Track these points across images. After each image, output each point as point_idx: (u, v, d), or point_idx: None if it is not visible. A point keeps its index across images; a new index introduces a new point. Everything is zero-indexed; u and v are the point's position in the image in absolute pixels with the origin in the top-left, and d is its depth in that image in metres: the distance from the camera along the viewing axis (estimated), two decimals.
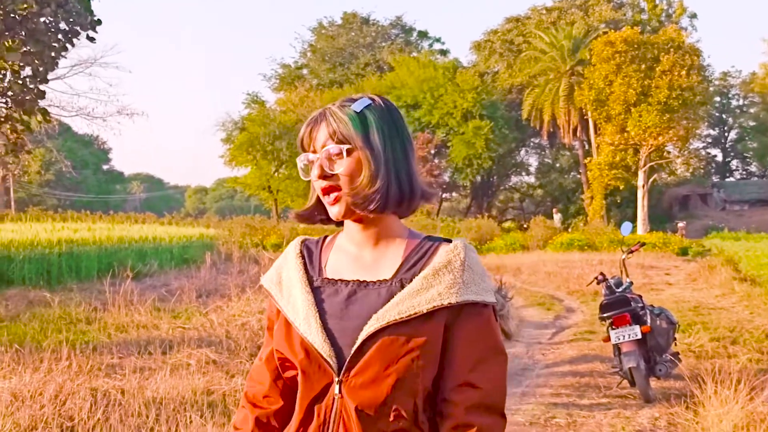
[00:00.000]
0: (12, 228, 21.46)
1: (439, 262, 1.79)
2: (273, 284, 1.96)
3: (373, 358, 1.72)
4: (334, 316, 1.81)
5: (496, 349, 1.80)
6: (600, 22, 50.01)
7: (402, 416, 1.73)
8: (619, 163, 42.55)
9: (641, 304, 8.00)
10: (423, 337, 1.73)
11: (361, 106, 1.84)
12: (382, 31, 61.95)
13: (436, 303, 1.73)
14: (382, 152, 1.81)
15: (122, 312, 11.54)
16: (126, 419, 6.02)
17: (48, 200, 68.40)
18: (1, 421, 5.68)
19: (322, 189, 1.82)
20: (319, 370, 1.78)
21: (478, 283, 1.78)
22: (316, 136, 1.83)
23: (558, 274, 21.01)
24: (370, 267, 1.85)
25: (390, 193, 1.80)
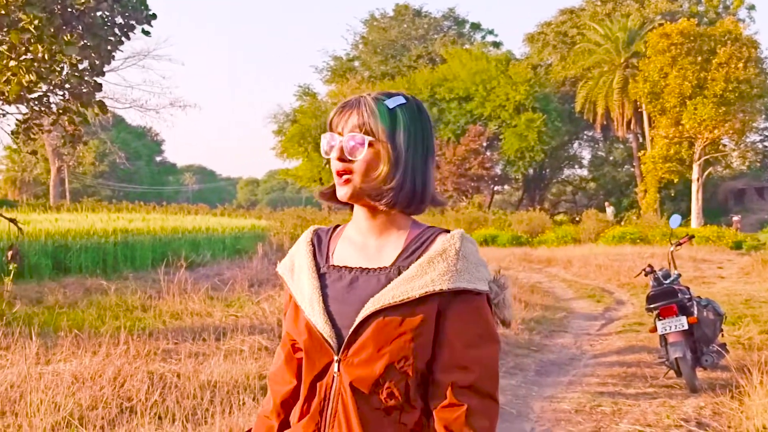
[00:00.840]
0: (69, 218, 21.97)
1: (435, 251, 1.88)
2: (286, 270, 2.08)
3: (369, 339, 1.83)
4: (336, 300, 1.92)
5: (487, 335, 1.87)
6: (656, 13, 49.33)
7: (394, 395, 1.83)
8: (674, 157, 42.03)
9: (688, 296, 8.02)
10: (415, 321, 1.82)
11: (395, 103, 1.92)
12: (435, 23, 61.82)
13: (428, 288, 1.82)
14: (403, 152, 1.89)
15: (176, 300, 11.80)
16: (182, 401, 6.23)
17: (102, 191, 69.41)
18: (63, 401, 5.92)
19: (337, 170, 1.91)
20: (320, 349, 1.90)
21: (471, 272, 1.86)
22: (345, 120, 1.91)
23: (609, 267, 20.90)
24: (372, 255, 1.95)
25: (402, 193, 1.89)
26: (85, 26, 8.97)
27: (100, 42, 9.14)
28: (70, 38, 8.63)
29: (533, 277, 20.18)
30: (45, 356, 7.44)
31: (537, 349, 10.22)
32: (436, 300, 1.83)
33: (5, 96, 9.18)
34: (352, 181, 1.90)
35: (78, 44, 8.67)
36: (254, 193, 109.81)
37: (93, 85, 9.60)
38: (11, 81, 8.48)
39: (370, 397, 1.84)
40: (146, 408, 5.99)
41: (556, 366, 9.35)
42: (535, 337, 10.92)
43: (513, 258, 25.08)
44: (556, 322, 12.65)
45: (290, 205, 64.87)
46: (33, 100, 9.72)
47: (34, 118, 10.24)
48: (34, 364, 6.84)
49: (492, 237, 34.13)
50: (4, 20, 8.21)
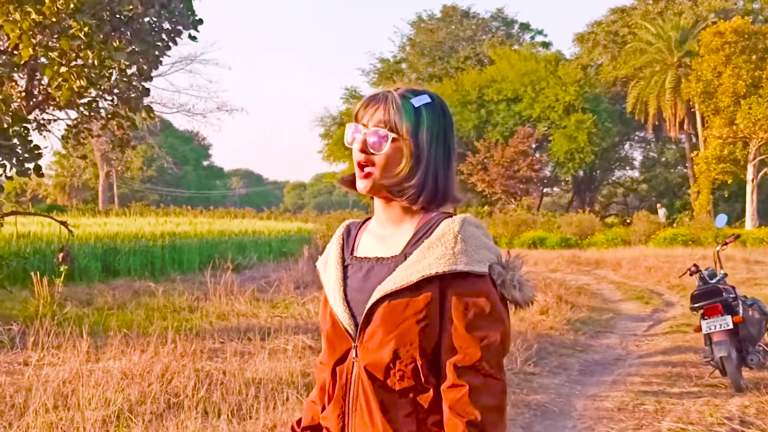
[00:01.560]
0: (117, 222, 22.45)
1: (435, 235, 1.93)
2: (322, 264, 2.19)
3: (378, 325, 1.91)
4: (354, 289, 2.01)
5: (489, 315, 1.89)
6: (709, 11, 48.55)
7: (405, 376, 1.89)
8: (728, 157, 41.32)
9: (733, 295, 7.95)
10: (418, 305, 1.88)
11: (420, 102, 1.98)
12: (483, 24, 61.56)
13: (424, 273, 1.87)
14: (426, 150, 1.96)
15: (223, 301, 12.01)
16: (227, 396, 6.38)
17: (150, 196, 70.22)
18: (113, 396, 6.10)
19: (358, 162, 1.99)
20: (341, 336, 2.00)
21: (470, 254, 1.89)
22: (371, 113, 1.99)
23: (659, 269, 20.67)
24: (388, 244, 2.02)
25: (424, 191, 1.96)
26: (134, 32, 9.20)
27: (148, 47, 9.36)
28: (119, 44, 8.85)
29: (581, 279, 20.06)
30: (95, 355, 7.65)
31: (582, 349, 10.20)
32: (436, 283, 1.89)
33: (56, 101, 9.45)
34: (372, 174, 1.97)
35: (126, 50, 8.90)
36: (301, 196, 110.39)
37: (141, 89, 9.82)
38: (62, 87, 8.72)
39: (384, 381, 1.91)
40: (193, 403, 6.14)
41: (601, 366, 9.33)
42: (580, 338, 10.89)
43: (561, 260, 24.96)
44: (603, 323, 12.59)
45: (337, 208, 65.17)
46: (83, 105, 9.99)
47: (84, 122, 10.51)
48: (85, 361, 7.04)
49: (540, 239, 33.95)
50: (54, 28, 8.45)
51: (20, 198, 56.48)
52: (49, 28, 8.43)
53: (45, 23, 8.32)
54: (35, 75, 9.93)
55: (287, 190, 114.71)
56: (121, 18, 8.99)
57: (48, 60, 8.69)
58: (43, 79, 9.85)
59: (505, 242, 34.19)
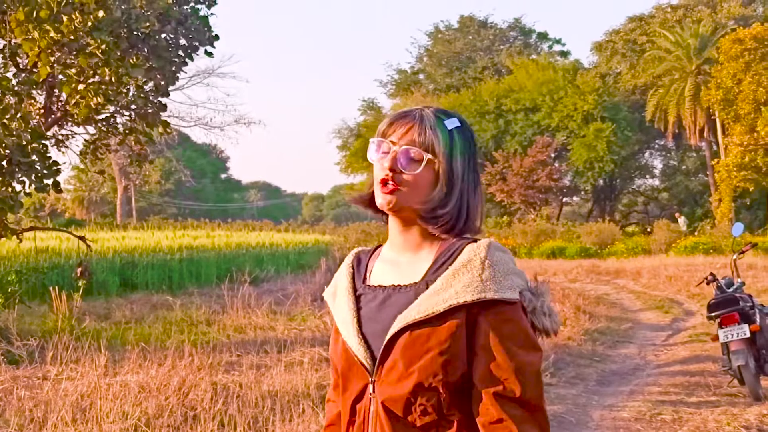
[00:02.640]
0: (135, 236, 22.63)
1: (460, 262, 1.83)
2: (329, 295, 2.08)
3: (398, 357, 1.80)
4: (369, 320, 1.90)
5: (524, 344, 1.80)
6: (728, 18, 48.39)
7: (428, 411, 1.79)
8: (749, 164, 41.05)
9: (750, 303, 7.91)
10: (442, 336, 1.78)
11: (453, 125, 1.90)
12: (501, 34, 61.58)
13: (452, 302, 1.78)
14: (459, 177, 1.89)
15: (240, 314, 12.08)
16: (244, 409, 6.42)
17: (168, 209, 70.51)
18: (131, 410, 6.17)
19: (383, 178, 1.88)
20: (357, 371, 1.89)
21: (498, 281, 1.80)
22: (402, 131, 1.89)
23: (679, 278, 20.56)
24: (405, 271, 1.91)
25: (459, 218, 1.89)
26: (150, 49, 9.32)
27: (164, 64, 9.47)
28: (136, 61, 8.97)
29: (600, 289, 20.01)
30: (113, 369, 7.71)
31: (599, 359, 10.18)
32: (463, 312, 1.79)
33: (74, 118, 9.58)
34: (399, 192, 1.87)
35: (144, 66, 9.00)
36: (319, 208, 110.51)
37: (158, 105, 9.94)
38: (80, 104, 8.85)
39: (405, 417, 1.81)
40: (210, 416, 6.19)
41: (618, 376, 9.31)
42: (598, 348, 10.87)
43: (581, 270, 24.88)
44: (621, 333, 12.56)
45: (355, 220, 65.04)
46: (101, 121, 10.12)
47: (101, 138, 10.65)
48: (103, 375, 7.11)
49: (560, 249, 33.86)
50: (72, 45, 8.57)
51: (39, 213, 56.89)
52: (67, 45, 8.56)
53: (63, 41, 8.44)
54: (53, 92, 10.07)
55: (305, 202, 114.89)
56: (138, 35, 9.11)
57: (66, 77, 8.82)
58: (61, 96, 9.99)
59: (524, 252, 34.15)
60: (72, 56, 8.76)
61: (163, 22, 9.25)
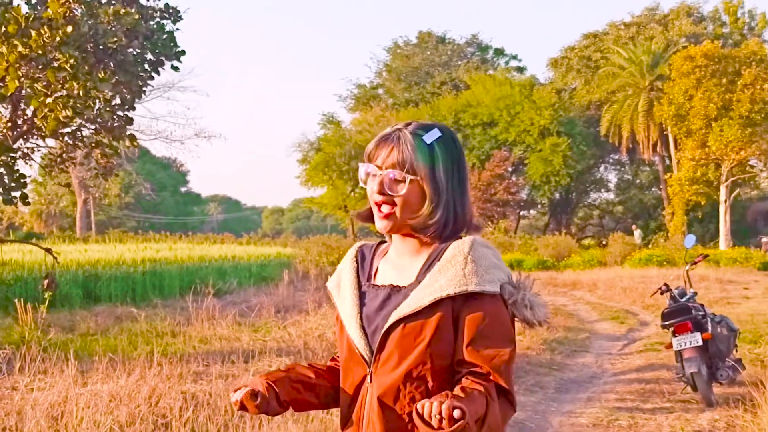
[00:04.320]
0: (97, 248, 22.52)
1: (446, 258, 2.00)
2: (334, 286, 2.24)
3: (393, 349, 1.98)
4: (370, 317, 2.07)
5: (498, 334, 1.95)
6: (680, 36, 49.36)
7: (416, 399, 1.92)
8: (701, 179, 41.90)
9: (702, 312, 8.21)
10: (431, 328, 1.94)
11: (432, 138, 2.01)
12: (458, 50, 62.09)
13: (436, 295, 1.94)
14: (444, 187, 2.01)
15: (205, 326, 12.14)
16: (214, 417, 6.53)
17: (127, 222, 69.80)
18: (102, 419, 6.24)
19: (376, 202, 2.04)
20: (357, 362, 2.07)
21: (480, 275, 1.95)
22: (386, 154, 2.02)
23: (634, 290, 20.94)
24: (404, 273, 2.08)
25: (447, 225, 2.03)
26: (118, 63, 9.41)
27: (131, 78, 9.57)
28: (104, 75, 9.06)
29: (558, 300, 20.33)
30: (82, 379, 7.77)
31: (558, 368, 10.42)
32: (449, 305, 1.94)
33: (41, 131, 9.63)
34: (393, 215, 2.02)
35: (111, 81, 9.10)
36: (279, 221, 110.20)
37: (124, 119, 10.04)
38: (48, 117, 8.92)
39: (395, 404, 1.98)
40: (181, 423, 6.29)
41: (576, 384, 9.56)
42: (556, 357, 11.12)
43: (538, 282, 24.80)
44: (579, 343, 12.83)
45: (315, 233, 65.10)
46: (66, 134, 10.19)
47: (68, 151, 10.71)
48: (73, 385, 7.17)
49: (517, 262, 34.20)
50: (41, 60, 8.66)
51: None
52: (35, 60, 8.64)
53: (31, 56, 8.53)
54: (19, 105, 10.10)
55: (265, 216, 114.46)
56: (105, 50, 9.20)
57: (34, 91, 8.89)
58: (27, 110, 10.04)
59: None
60: (40, 70, 8.84)
61: (130, 38, 9.35)
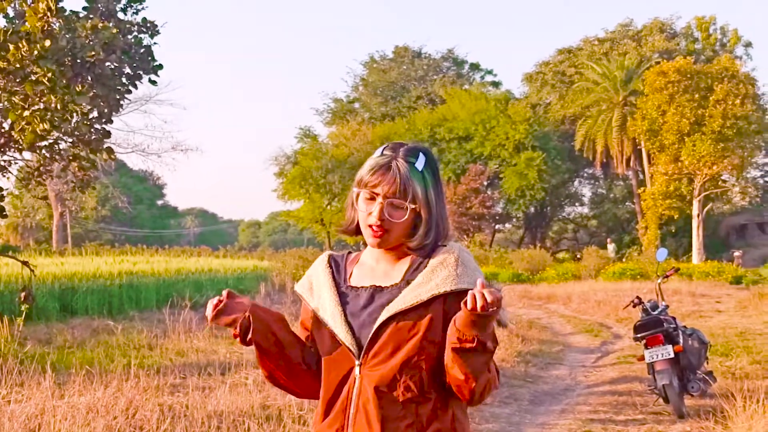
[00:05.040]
0: (74, 261, 22.40)
1: (437, 260, 2.20)
2: (305, 290, 2.38)
3: (386, 342, 2.15)
4: (355, 314, 2.23)
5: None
6: (653, 52, 49.97)
7: (411, 388, 2.13)
8: (674, 193, 42.34)
9: (674, 325, 8.33)
10: (425, 321, 2.13)
11: (422, 164, 2.21)
12: (434, 64, 62.40)
13: (434, 291, 2.14)
14: (434, 207, 2.22)
15: (182, 338, 12.13)
16: (191, 429, 6.56)
17: (104, 235, 69.44)
18: (79, 430, 6.26)
19: (371, 224, 2.20)
20: (343, 356, 2.21)
21: (470, 275, 2.16)
22: (382, 182, 2.18)
23: (608, 303, 21.10)
24: (384, 275, 2.27)
25: (437, 241, 2.24)
26: (95, 77, 9.45)
27: (109, 92, 9.61)
28: (82, 88, 9.10)
29: (532, 313, 20.45)
30: (59, 391, 7.77)
31: (532, 380, 10.52)
32: (441, 302, 2.14)
33: (18, 144, 9.64)
34: (388, 235, 2.20)
35: (88, 94, 9.13)
36: (256, 235, 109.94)
37: (102, 132, 10.06)
38: (26, 130, 8.94)
39: (389, 393, 2.14)
40: None
41: (550, 396, 9.66)
42: (530, 369, 11.22)
43: (513, 295, 25.32)
44: (553, 355, 12.94)
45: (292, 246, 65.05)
46: (44, 147, 10.20)
47: (45, 164, 10.72)
48: (50, 397, 7.17)
49: (493, 275, 34.36)
50: (19, 73, 8.68)
51: None
52: (13, 74, 8.67)
53: (9, 69, 8.56)
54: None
55: (242, 229, 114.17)
56: (83, 64, 9.24)
57: (11, 104, 8.91)
58: (4, 123, 10.04)
59: None
60: (18, 84, 8.86)
61: (108, 51, 9.40)
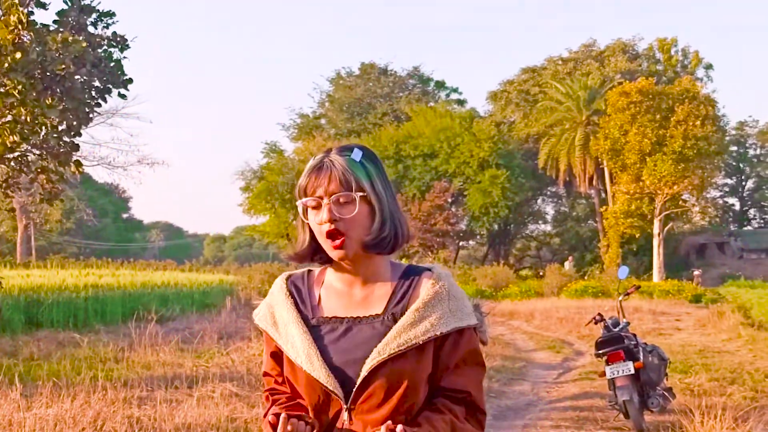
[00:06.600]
0: (39, 274, 22.20)
1: (428, 295, 2.01)
2: (268, 324, 2.11)
3: (378, 387, 1.95)
4: (335, 352, 1.99)
5: (475, 360, 2.06)
6: (615, 72, 50.58)
7: (392, 428, 1.91)
8: (635, 212, 42.83)
9: (635, 342, 8.52)
10: (420, 364, 1.98)
11: (359, 155, 2.01)
12: (400, 82, 62.59)
13: (430, 334, 1.96)
14: (385, 199, 2.01)
15: (148, 352, 12.12)
16: None
17: (68, 248, 68.77)
18: None
19: (328, 231, 1.98)
20: (327, 401, 2.00)
21: (462, 309, 2.02)
22: (323, 183, 1.98)
23: (570, 320, 21.34)
24: (360, 303, 2.04)
25: (398, 236, 2.03)
26: (65, 90, 9.47)
27: (78, 105, 9.63)
28: (51, 101, 9.11)
29: (496, 330, 20.58)
30: (26, 403, 7.76)
31: (495, 395, 10.64)
32: (432, 342, 1.98)
33: None
34: (348, 239, 1.98)
35: (58, 107, 9.15)
36: (221, 249, 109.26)
37: (70, 145, 10.08)
38: None
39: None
40: None
41: (513, 411, 9.79)
42: (493, 385, 11.34)
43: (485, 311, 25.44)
44: (516, 371, 13.09)
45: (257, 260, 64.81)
46: (13, 159, 10.18)
47: (14, 177, 10.69)
48: (17, 409, 7.17)
49: None
50: None
51: None
52: None
53: None
54: None
55: (207, 243, 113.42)
56: (53, 77, 9.26)
57: None
58: None
59: None
60: None
61: (78, 65, 9.43)
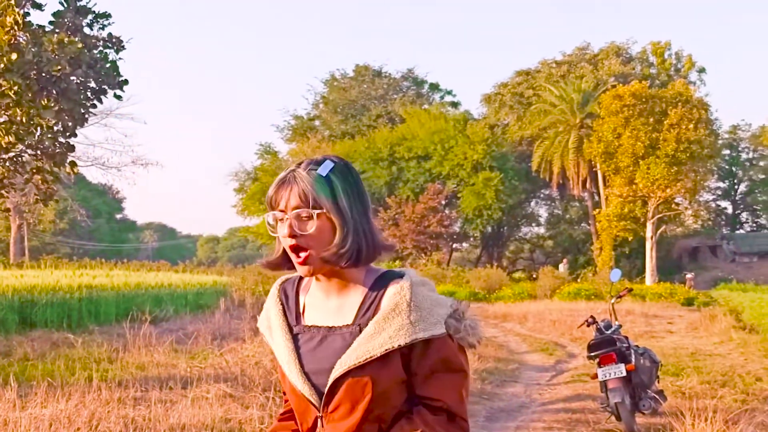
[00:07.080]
0: (33, 274, 22.17)
1: (388, 306, 2.00)
2: (265, 329, 2.20)
3: (342, 398, 1.98)
4: (311, 360, 2.05)
5: (448, 367, 2.00)
6: (609, 75, 50.73)
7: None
8: (628, 215, 43.01)
9: (626, 344, 8.57)
10: (382, 376, 1.96)
11: (326, 170, 2.00)
12: (394, 84, 62.69)
13: (387, 346, 1.95)
14: (348, 214, 1.99)
15: (142, 352, 12.12)
16: None
17: (61, 248, 68.75)
18: None
19: (291, 246, 2.01)
20: (306, 407, 2.07)
21: (426, 319, 1.98)
22: (285, 196, 2.00)
23: (563, 322, 21.41)
24: (336, 313, 2.07)
25: (360, 251, 2.00)
26: (61, 91, 9.47)
27: (74, 106, 9.64)
28: (47, 102, 9.13)
29: (488, 332, 20.60)
30: (21, 403, 7.78)
31: (488, 397, 10.69)
32: (397, 352, 1.96)
33: None
34: (310, 256, 2.00)
35: (54, 108, 9.16)
36: (215, 250, 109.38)
37: (66, 145, 10.09)
38: None
39: None
40: None
41: (506, 413, 9.84)
42: (486, 387, 11.39)
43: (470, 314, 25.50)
44: (508, 373, 13.14)
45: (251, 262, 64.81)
46: (8, 159, 10.19)
47: (10, 177, 10.70)
48: (12, 409, 7.19)
49: (450, 293, 34.61)
50: None
51: None
52: None
53: None
54: None
55: (201, 244, 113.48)
56: (49, 78, 9.27)
57: None
58: None
59: None
60: None
61: (74, 66, 9.42)
